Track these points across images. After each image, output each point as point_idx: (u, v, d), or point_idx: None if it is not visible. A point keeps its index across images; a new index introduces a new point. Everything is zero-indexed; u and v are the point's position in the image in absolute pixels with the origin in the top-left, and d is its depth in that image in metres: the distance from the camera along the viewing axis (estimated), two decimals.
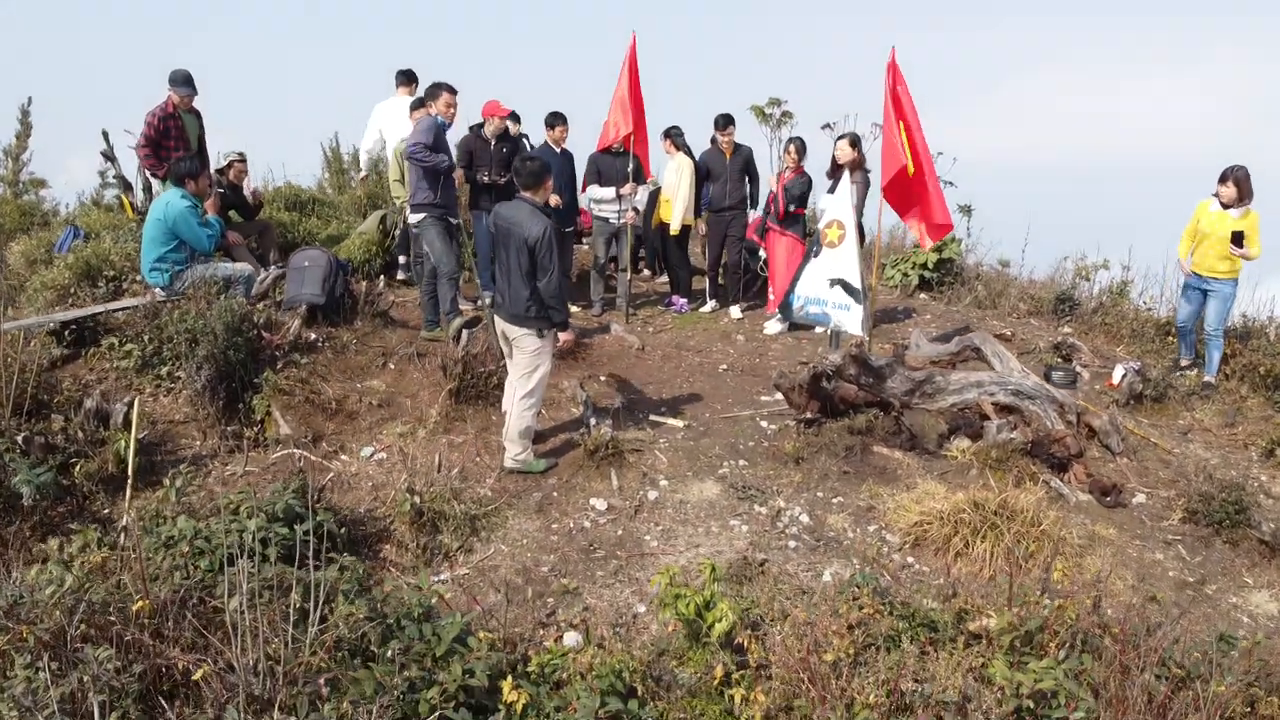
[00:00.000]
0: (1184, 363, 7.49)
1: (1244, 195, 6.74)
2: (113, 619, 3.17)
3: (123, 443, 5.08)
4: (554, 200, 7.19)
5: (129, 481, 4.72)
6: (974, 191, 10.59)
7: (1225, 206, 6.81)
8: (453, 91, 6.92)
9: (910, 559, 4.88)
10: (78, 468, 5.11)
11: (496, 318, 5.58)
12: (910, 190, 7.16)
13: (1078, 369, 7.37)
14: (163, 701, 2.88)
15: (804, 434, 5.97)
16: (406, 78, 8.93)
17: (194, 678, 2.87)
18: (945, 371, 6.16)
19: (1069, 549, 4.87)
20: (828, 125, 9.49)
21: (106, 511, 5.04)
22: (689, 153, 8.65)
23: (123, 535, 4.04)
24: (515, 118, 8.10)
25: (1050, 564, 4.23)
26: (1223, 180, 6.80)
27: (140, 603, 3.26)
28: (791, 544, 4.94)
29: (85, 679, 2.92)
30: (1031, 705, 3.09)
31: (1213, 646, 3.63)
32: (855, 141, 8.13)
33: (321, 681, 3.06)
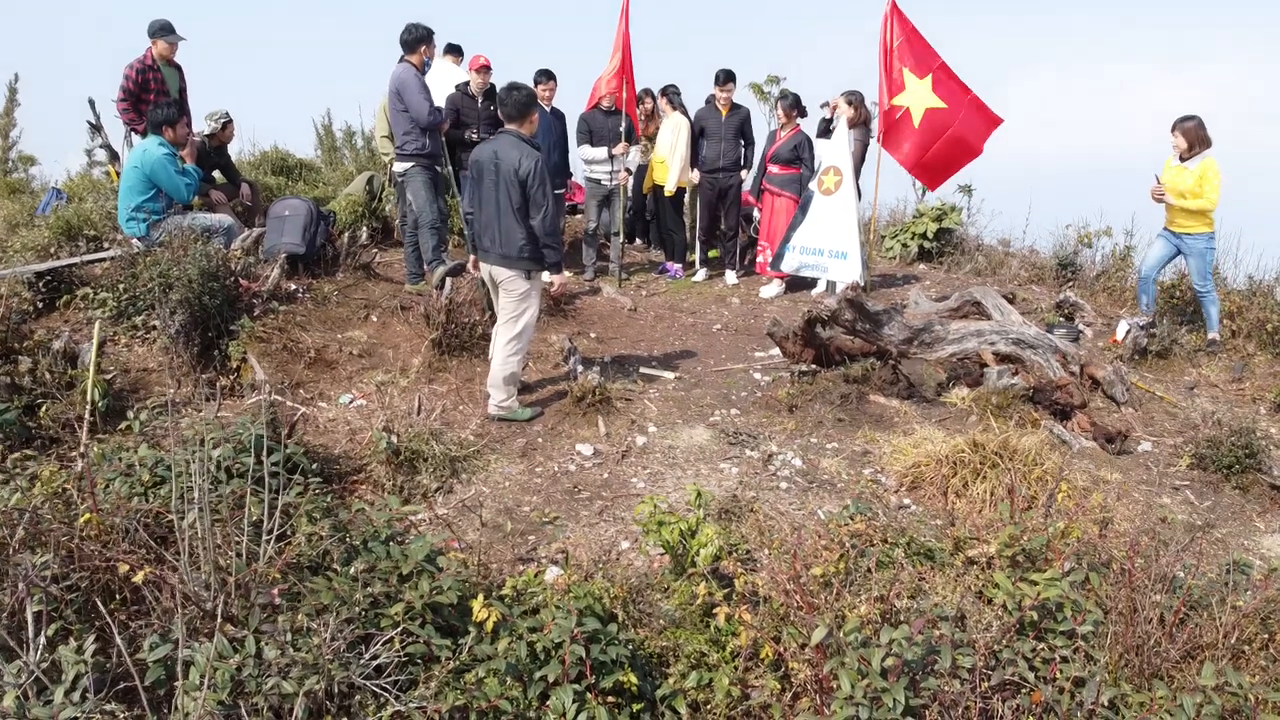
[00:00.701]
0: (1142, 321, 7.06)
1: (1194, 144, 6.57)
2: (56, 528, 2.98)
3: (90, 381, 4.90)
4: None
5: (88, 406, 4.53)
6: (974, 179, 10.46)
7: (1182, 159, 6.66)
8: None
9: (906, 500, 4.68)
10: (44, 409, 4.92)
11: (483, 262, 5.38)
12: (941, 121, 7.27)
13: (1080, 327, 7.17)
14: (101, 607, 2.68)
15: (798, 383, 5.78)
16: (449, 49, 8.83)
17: (135, 579, 2.68)
18: (944, 321, 5.96)
19: (1073, 490, 4.67)
20: (826, 104, 9.32)
21: (73, 455, 4.85)
22: (685, 112, 8.46)
23: (79, 462, 3.85)
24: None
25: (1053, 495, 4.03)
26: (1172, 131, 6.68)
27: (87, 515, 3.07)
28: (783, 485, 4.75)
29: (21, 587, 2.73)
30: (1035, 618, 2.89)
31: (1226, 573, 3.44)
32: (854, 100, 7.97)
33: (275, 592, 2.87)
